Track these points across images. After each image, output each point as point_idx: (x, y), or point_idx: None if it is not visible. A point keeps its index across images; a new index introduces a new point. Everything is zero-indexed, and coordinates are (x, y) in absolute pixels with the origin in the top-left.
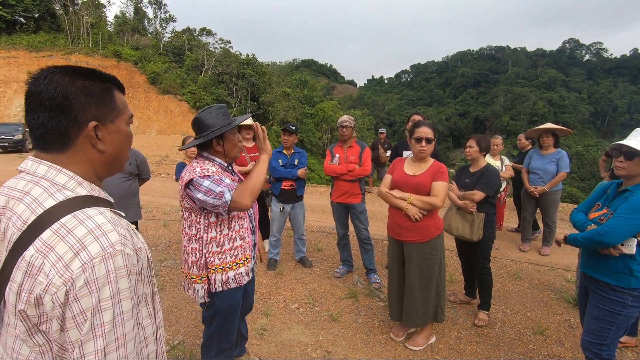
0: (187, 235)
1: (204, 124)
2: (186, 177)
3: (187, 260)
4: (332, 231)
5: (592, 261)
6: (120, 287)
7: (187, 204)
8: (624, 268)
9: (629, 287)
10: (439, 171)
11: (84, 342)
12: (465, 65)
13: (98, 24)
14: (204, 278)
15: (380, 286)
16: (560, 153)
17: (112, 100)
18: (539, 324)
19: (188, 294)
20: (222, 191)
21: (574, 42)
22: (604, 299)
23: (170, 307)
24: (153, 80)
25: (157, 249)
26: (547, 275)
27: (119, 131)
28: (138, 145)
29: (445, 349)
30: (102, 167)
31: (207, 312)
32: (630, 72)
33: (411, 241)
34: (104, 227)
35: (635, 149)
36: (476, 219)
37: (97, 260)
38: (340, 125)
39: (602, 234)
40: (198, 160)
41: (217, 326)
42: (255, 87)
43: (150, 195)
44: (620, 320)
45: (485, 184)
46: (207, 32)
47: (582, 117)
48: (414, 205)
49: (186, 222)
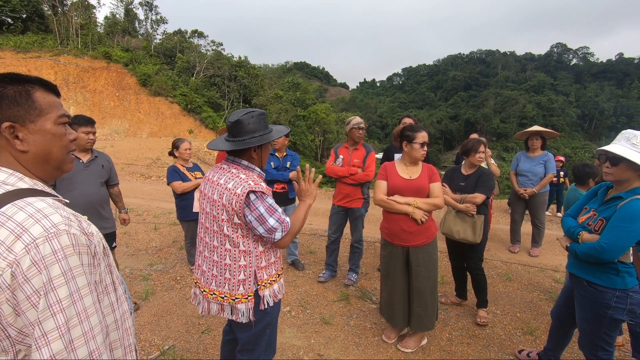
0: (232, 253)
1: (245, 128)
2: (243, 189)
3: (229, 280)
4: (325, 234)
5: (579, 262)
6: (72, 265)
7: (236, 220)
8: (611, 268)
9: (614, 287)
10: (434, 172)
11: (42, 320)
12: (456, 68)
13: (87, 25)
14: (250, 297)
15: (352, 284)
16: (547, 155)
17: (30, 100)
18: (528, 325)
19: (221, 316)
20: (274, 228)
21: (562, 46)
22: (589, 301)
23: (160, 311)
24: (144, 82)
25: (148, 252)
26: (537, 276)
27: (43, 131)
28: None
29: (437, 350)
30: (33, 167)
31: (252, 330)
32: (616, 76)
33: (418, 245)
34: (45, 211)
35: (619, 155)
36: (477, 221)
37: (40, 241)
38: (356, 127)
39: (601, 251)
40: (239, 169)
41: (267, 340)
42: (247, 90)
43: (141, 198)
44: (607, 321)
45: (486, 186)
46: (198, 34)
47: (570, 120)
48: (420, 208)
49: (229, 238)
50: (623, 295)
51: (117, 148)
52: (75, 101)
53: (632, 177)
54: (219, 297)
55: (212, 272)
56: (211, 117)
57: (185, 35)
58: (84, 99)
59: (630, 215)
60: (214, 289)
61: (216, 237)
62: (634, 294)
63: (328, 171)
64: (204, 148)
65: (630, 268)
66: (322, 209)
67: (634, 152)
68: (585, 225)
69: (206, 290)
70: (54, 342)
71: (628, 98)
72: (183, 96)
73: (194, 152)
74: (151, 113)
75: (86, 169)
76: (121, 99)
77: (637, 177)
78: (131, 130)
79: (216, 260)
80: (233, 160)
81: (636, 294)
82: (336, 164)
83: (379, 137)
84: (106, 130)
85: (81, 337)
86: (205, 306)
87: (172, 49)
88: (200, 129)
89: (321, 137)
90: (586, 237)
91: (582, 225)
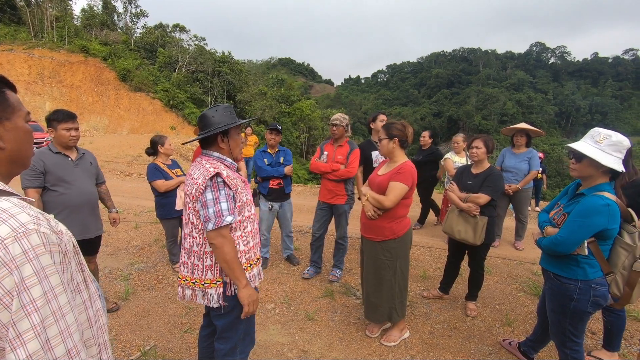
0: (199, 240)
1: (210, 120)
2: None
3: (197, 266)
4: (310, 230)
5: (547, 256)
6: (44, 264)
7: (198, 207)
8: (572, 260)
9: (575, 279)
10: (398, 172)
11: (16, 320)
12: (439, 66)
13: (63, 18)
14: (219, 282)
15: (337, 280)
16: (531, 152)
17: (5, 98)
18: (507, 316)
19: (194, 301)
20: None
21: (541, 45)
22: (554, 292)
23: (141, 311)
24: (124, 77)
25: (128, 251)
26: (515, 269)
27: (17, 128)
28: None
29: (419, 343)
30: (4, 165)
31: (227, 318)
32: (591, 74)
33: (366, 237)
34: (10, 211)
35: (581, 152)
36: (480, 222)
37: (9, 241)
38: (330, 124)
39: (556, 243)
40: (209, 160)
41: (244, 328)
42: (231, 86)
43: (121, 196)
44: (571, 312)
45: (491, 187)
46: (180, 28)
47: (549, 117)
48: (369, 202)
49: (193, 226)
50: (585, 287)
51: (96, 145)
52: (52, 96)
53: (594, 174)
54: (190, 282)
55: (184, 260)
56: (194, 113)
57: (167, 30)
58: (61, 94)
59: (585, 211)
60: (186, 275)
61: (186, 225)
62: (597, 286)
63: (312, 167)
64: (186, 145)
65: (590, 260)
66: (307, 205)
67: (596, 149)
68: (552, 220)
69: (180, 277)
70: (30, 342)
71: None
72: (165, 92)
73: (177, 149)
74: (132, 109)
75: (77, 167)
76: (100, 94)
77: (600, 174)
78: (111, 126)
79: (186, 247)
80: (205, 153)
81: (600, 286)
82: (320, 160)
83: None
84: (85, 126)
85: (58, 335)
86: (180, 292)
87: (153, 44)
88: (183, 126)
89: (306, 133)
90: (549, 230)
91: (550, 220)
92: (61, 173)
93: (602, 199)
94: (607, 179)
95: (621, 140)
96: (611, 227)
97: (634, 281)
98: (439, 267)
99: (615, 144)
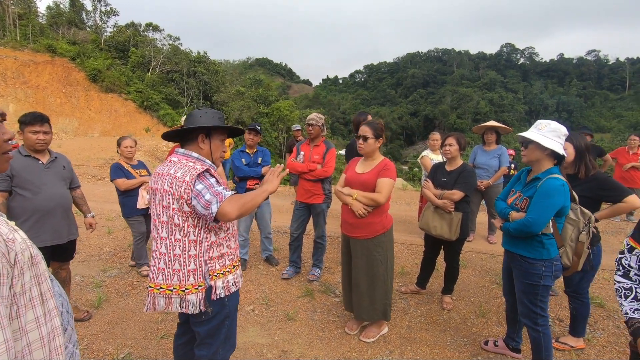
0: (182, 243)
1: (197, 120)
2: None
3: (178, 271)
4: (288, 230)
5: (512, 239)
6: None
7: (186, 208)
8: (538, 242)
9: (541, 259)
10: (384, 168)
11: None
12: (415, 66)
13: (27, 15)
14: (201, 287)
15: (316, 279)
16: (501, 149)
17: None
18: (481, 308)
19: (169, 310)
20: (209, 201)
21: (510, 46)
22: (524, 273)
23: (115, 319)
24: (94, 78)
25: (101, 258)
26: (489, 262)
27: None
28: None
29: (397, 338)
30: None
31: (210, 324)
32: (557, 74)
33: (356, 237)
34: None
35: (527, 138)
36: (455, 218)
37: None
38: (306, 123)
39: (528, 225)
40: (190, 159)
41: (226, 333)
42: (207, 86)
43: (93, 201)
44: (540, 289)
45: (465, 183)
46: (153, 27)
47: (519, 116)
48: (359, 201)
49: (179, 227)
50: (549, 265)
51: (65, 148)
52: (15, 98)
53: (541, 157)
54: (166, 290)
55: (159, 266)
56: (169, 114)
57: (139, 29)
58: (25, 96)
59: (547, 192)
60: (161, 282)
61: (165, 228)
62: (556, 262)
63: (288, 166)
64: (162, 147)
65: (552, 239)
66: (286, 206)
67: (539, 135)
68: (513, 206)
69: (152, 285)
70: None
71: (568, 95)
72: (138, 93)
73: (152, 151)
74: (103, 111)
75: (47, 171)
76: (68, 95)
77: (545, 157)
78: (81, 129)
79: (164, 252)
80: (183, 153)
81: (558, 262)
82: (297, 160)
83: (343, 134)
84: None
85: None
86: (151, 302)
87: (125, 43)
88: (158, 127)
89: (285, 134)
90: (515, 215)
91: (510, 206)
92: (29, 176)
93: (557, 180)
94: (552, 163)
95: (559, 127)
96: (567, 204)
97: (580, 251)
98: (416, 262)
99: (554, 130)
